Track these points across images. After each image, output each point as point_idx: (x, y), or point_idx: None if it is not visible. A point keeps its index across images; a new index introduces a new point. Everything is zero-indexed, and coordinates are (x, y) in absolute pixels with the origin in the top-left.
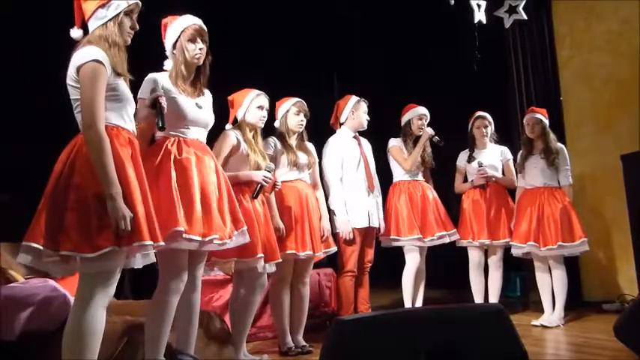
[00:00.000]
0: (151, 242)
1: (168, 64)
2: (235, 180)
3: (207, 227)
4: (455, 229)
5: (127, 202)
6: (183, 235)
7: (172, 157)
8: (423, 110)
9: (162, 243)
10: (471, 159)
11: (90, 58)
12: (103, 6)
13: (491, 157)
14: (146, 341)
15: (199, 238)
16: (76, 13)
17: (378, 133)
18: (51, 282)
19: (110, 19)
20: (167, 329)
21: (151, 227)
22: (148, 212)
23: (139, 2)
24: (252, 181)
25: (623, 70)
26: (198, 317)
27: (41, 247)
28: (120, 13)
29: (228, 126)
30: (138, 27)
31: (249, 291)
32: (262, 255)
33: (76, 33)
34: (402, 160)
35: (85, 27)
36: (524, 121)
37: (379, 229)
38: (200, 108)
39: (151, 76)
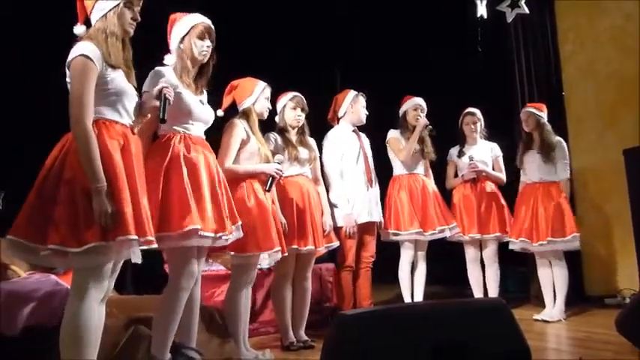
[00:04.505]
0: (135, 237)
1: (169, 58)
2: (248, 173)
3: (218, 224)
4: (455, 223)
5: (113, 195)
6: (200, 233)
7: (182, 154)
8: (418, 100)
9: (150, 237)
10: (461, 154)
11: (78, 53)
12: None
13: (482, 152)
14: (154, 337)
15: (212, 235)
16: (79, 10)
17: (379, 129)
18: (53, 277)
19: (109, 10)
20: (175, 326)
21: (139, 221)
22: (138, 206)
23: None
24: (264, 173)
25: (626, 66)
26: (198, 311)
27: (22, 241)
28: (119, 3)
29: (220, 112)
30: (140, 18)
31: (245, 285)
32: (279, 248)
33: (79, 29)
34: (398, 150)
35: (88, 24)
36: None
37: (380, 223)
38: (203, 105)
39: (158, 69)
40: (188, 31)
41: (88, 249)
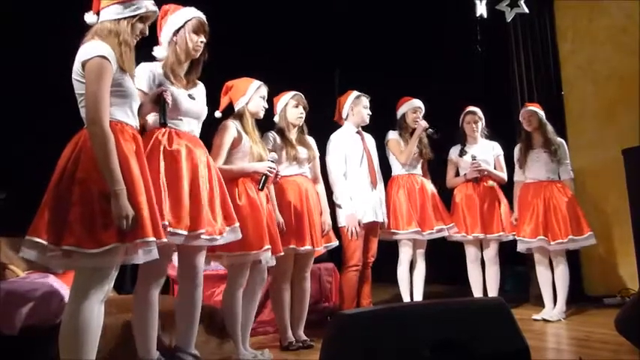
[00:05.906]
0: (153, 238)
1: (159, 51)
2: (240, 173)
3: (195, 221)
4: (453, 223)
5: (131, 198)
6: (168, 229)
7: (162, 147)
8: (417, 103)
9: (165, 240)
10: (462, 153)
11: (96, 53)
12: (122, 3)
13: (483, 151)
14: (136, 339)
15: (185, 232)
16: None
17: (380, 128)
18: (51, 277)
19: (125, 18)
20: (154, 323)
21: (154, 223)
22: (152, 208)
23: (157, 12)
24: (257, 172)
25: (625, 65)
26: (199, 314)
27: (45, 242)
28: (136, 15)
29: (217, 113)
30: (147, 34)
31: (241, 284)
32: (269, 247)
33: (90, 18)
34: (399, 153)
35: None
36: (520, 118)
37: (383, 223)
38: (193, 99)
39: (146, 66)
40: (183, 25)
41: (105, 251)
